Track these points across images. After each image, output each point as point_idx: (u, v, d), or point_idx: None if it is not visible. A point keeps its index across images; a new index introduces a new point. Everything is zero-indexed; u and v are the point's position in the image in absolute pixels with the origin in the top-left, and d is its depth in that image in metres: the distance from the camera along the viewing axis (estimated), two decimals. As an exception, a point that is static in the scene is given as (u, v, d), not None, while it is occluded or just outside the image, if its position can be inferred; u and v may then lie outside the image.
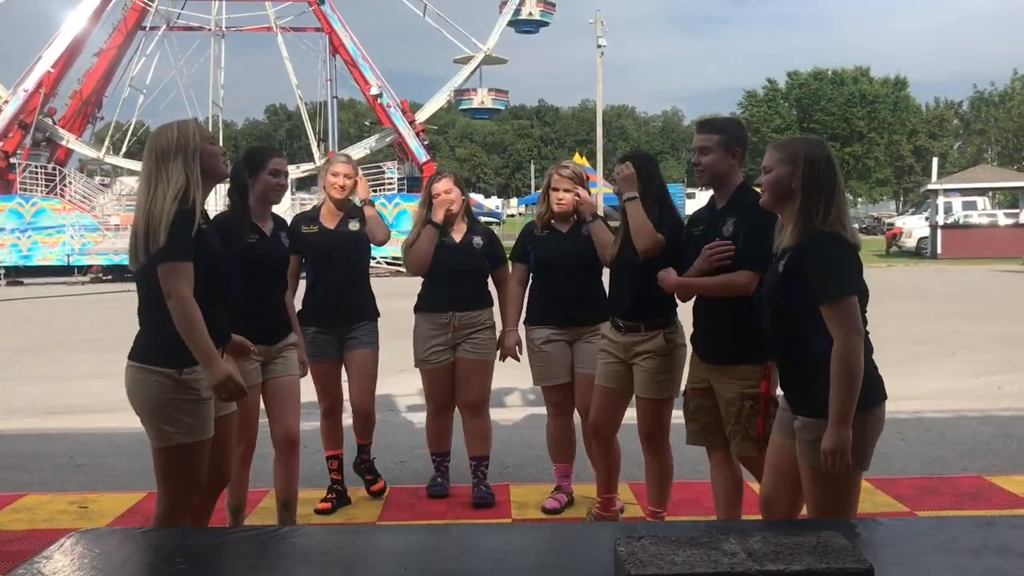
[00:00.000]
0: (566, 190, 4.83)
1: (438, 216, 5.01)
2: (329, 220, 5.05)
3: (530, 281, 5.07)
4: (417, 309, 5.18)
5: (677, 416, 4.39)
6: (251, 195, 4.28)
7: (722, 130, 3.92)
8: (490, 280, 5.22)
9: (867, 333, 3.01)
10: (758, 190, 3.32)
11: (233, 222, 4.17)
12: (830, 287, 2.93)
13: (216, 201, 6.76)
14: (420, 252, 5.01)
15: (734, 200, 3.88)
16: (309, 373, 4.77)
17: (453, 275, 5.04)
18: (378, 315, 5.14)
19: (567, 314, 4.86)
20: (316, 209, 5.16)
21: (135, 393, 3.31)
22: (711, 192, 4.02)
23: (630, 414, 4.57)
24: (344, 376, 5.12)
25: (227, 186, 4.20)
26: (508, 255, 5.20)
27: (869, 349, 3.02)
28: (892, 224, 40.63)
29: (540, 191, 5.14)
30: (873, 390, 3.00)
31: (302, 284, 5.06)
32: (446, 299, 5.05)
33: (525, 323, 5.04)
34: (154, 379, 3.25)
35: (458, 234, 5.12)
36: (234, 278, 4.03)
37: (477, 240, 5.14)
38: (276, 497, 4.52)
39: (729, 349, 3.80)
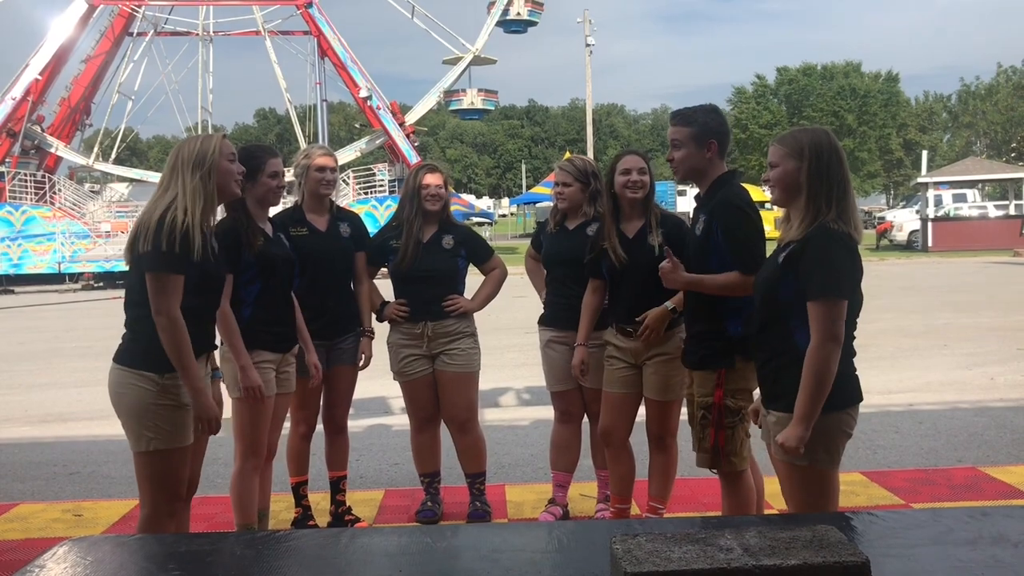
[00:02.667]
0: (566, 184, 4.71)
1: (432, 208, 4.69)
2: (318, 221, 4.64)
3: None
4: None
5: (685, 413, 4.40)
6: (248, 199, 4.04)
7: (692, 121, 3.66)
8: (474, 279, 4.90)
9: (853, 338, 3.01)
10: (750, 188, 3.28)
11: (243, 229, 3.98)
12: (825, 286, 2.89)
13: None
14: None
15: (707, 194, 3.68)
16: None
17: (420, 279, 4.70)
18: (360, 326, 4.79)
19: (568, 316, 4.67)
20: (298, 208, 4.68)
21: (116, 395, 3.32)
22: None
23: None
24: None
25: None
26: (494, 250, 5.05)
27: (851, 352, 3.03)
28: (883, 218, 40.74)
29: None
30: (847, 392, 3.00)
31: None
32: (416, 307, 4.72)
33: (537, 323, 4.90)
34: (135, 382, 3.26)
35: (426, 233, 4.74)
36: (251, 285, 4.01)
37: (447, 239, 4.75)
38: None
39: (698, 354, 3.71)
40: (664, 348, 4.25)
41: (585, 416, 4.86)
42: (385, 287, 4.93)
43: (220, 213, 3.98)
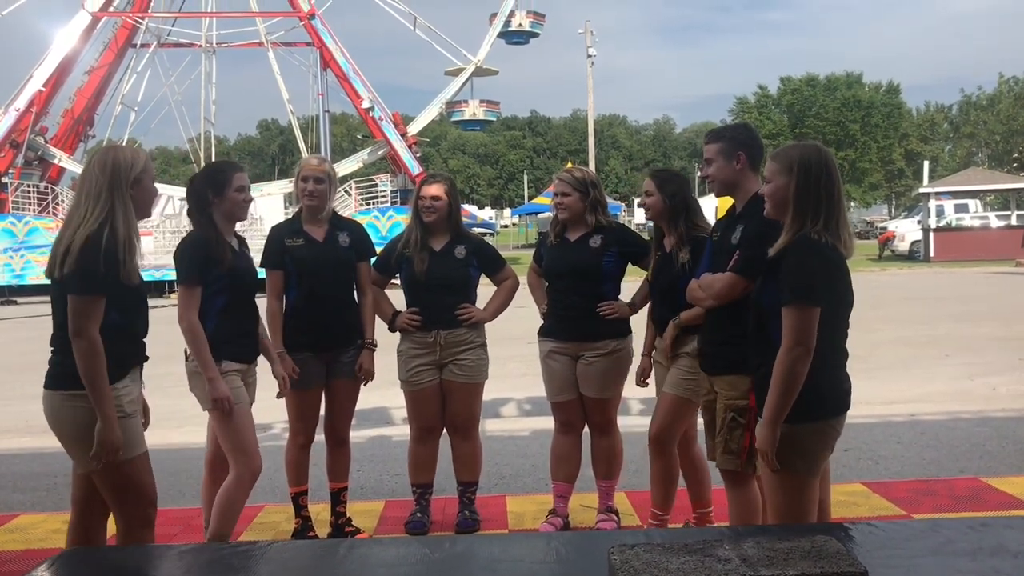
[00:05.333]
0: (565, 194, 4.70)
1: (428, 219, 4.73)
2: (315, 231, 4.62)
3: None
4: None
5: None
6: (216, 213, 4.06)
7: (721, 137, 3.82)
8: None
9: (845, 350, 3.05)
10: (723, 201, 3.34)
11: (213, 244, 4.00)
12: (797, 292, 2.94)
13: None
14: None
15: (748, 207, 3.73)
16: (285, 400, 4.54)
17: (433, 288, 4.70)
18: (363, 337, 4.73)
19: (568, 326, 4.69)
20: (297, 219, 4.70)
21: (62, 422, 3.23)
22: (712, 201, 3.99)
23: (640, 418, 4.51)
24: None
25: (185, 206, 4.09)
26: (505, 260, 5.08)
27: (839, 363, 3.06)
28: (884, 228, 40.71)
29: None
30: (829, 402, 3.03)
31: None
32: (429, 315, 4.73)
33: (537, 334, 4.89)
34: (81, 404, 3.16)
35: (439, 243, 4.78)
36: (217, 297, 4.00)
37: (460, 249, 4.77)
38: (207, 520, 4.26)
39: (722, 359, 3.72)
40: (688, 348, 4.27)
41: (586, 427, 4.85)
42: (394, 296, 4.92)
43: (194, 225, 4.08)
